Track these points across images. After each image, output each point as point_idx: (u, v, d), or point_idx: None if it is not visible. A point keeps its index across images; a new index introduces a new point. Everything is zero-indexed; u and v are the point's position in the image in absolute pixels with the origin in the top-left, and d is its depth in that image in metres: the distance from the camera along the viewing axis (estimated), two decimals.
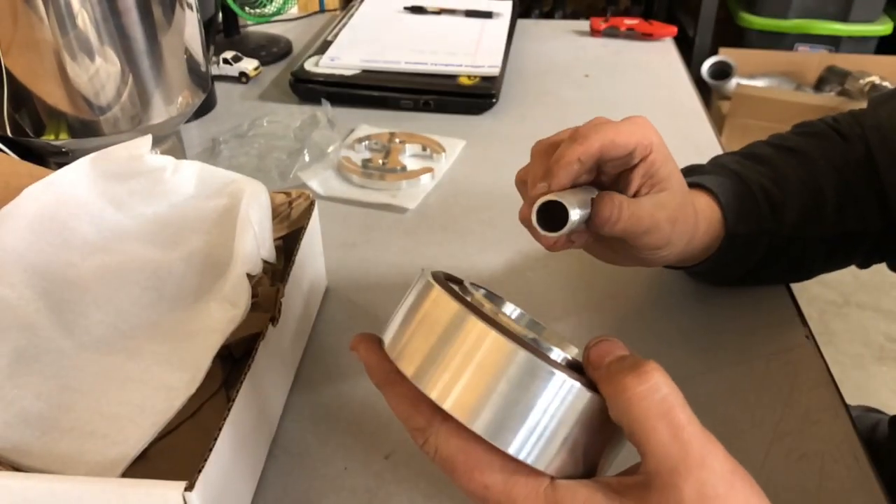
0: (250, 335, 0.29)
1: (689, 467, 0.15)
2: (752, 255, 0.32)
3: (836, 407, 0.30)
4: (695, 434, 0.16)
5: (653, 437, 0.16)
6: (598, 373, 0.17)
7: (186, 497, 0.20)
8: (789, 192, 0.32)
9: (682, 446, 0.15)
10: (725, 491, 0.15)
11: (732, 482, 0.15)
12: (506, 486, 0.17)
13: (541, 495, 0.17)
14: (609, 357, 0.18)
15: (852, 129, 0.34)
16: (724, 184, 0.31)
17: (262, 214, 0.30)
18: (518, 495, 0.17)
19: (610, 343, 0.18)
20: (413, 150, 0.49)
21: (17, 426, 0.24)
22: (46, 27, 0.35)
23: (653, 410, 0.16)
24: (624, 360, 0.17)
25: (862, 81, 1.37)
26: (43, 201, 0.29)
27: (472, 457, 0.17)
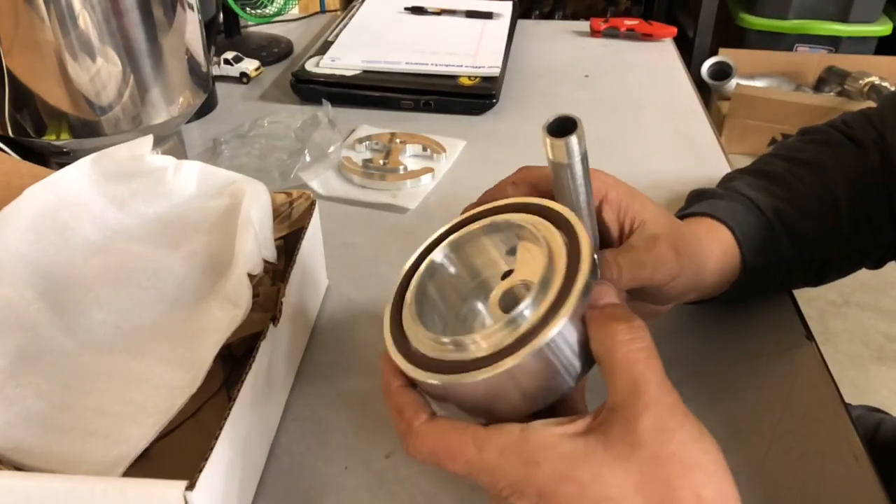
0: (251, 335, 0.29)
1: (647, 404, 0.18)
2: (773, 281, 0.32)
3: (836, 406, 0.30)
4: (658, 382, 0.18)
5: (624, 375, 0.18)
6: (594, 311, 0.20)
7: (187, 496, 0.20)
8: (807, 215, 0.30)
9: (646, 386, 0.18)
10: (675, 426, 0.18)
11: (682, 421, 0.18)
12: (480, 452, 0.18)
13: (512, 449, 0.18)
14: (604, 299, 0.20)
15: (866, 133, 0.33)
16: (738, 213, 0.30)
17: (263, 214, 0.30)
18: (491, 456, 0.18)
19: (607, 287, 0.20)
20: (413, 150, 0.49)
21: (18, 425, 0.24)
22: (48, 27, 0.35)
23: (631, 356, 0.18)
24: (617, 308, 0.20)
25: (861, 82, 1.37)
26: (44, 201, 0.30)
27: (448, 442, 0.19)
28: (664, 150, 0.51)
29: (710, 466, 0.18)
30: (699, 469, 0.17)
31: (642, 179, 0.47)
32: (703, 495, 0.17)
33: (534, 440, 0.18)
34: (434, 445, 0.19)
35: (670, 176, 0.46)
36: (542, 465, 0.18)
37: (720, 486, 0.18)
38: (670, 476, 0.17)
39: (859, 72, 1.39)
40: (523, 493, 0.18)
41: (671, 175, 0.47)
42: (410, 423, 0.20)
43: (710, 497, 0.17)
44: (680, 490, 0.17)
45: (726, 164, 0.48)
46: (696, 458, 0.18)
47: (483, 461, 0.18)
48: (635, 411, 0.18)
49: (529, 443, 0.18)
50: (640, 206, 0.25)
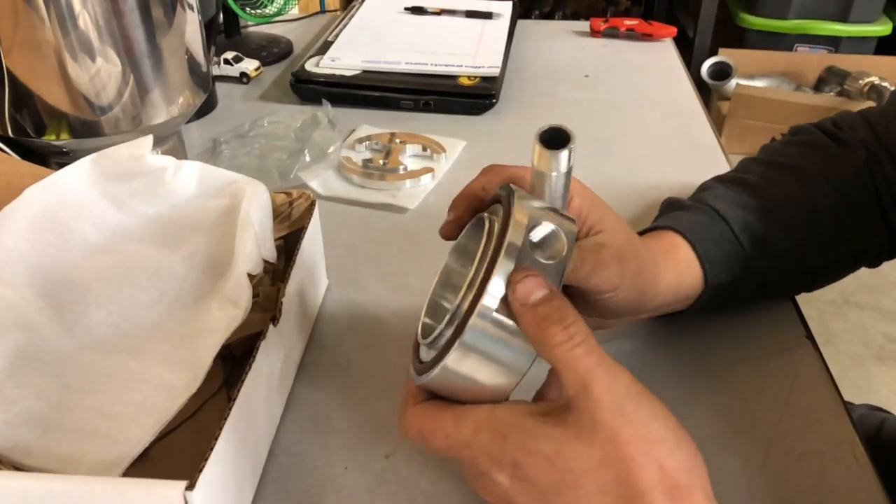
0: (251, 335, 0.29)
1: (600, 396, 0.19)
2: (745, 293, 0.31)
3: (836, 406, 0.30)
4: (605, 373, 0.19)
5: (570, 375, 0.19)
6: (524, 310, 0.19)
7: (187, 496, 0.20)
8: (780, 223, 0.30)
9: (593, 381, 0.19)
10: (632, 408, 0.19)
11: (638, 402, 0.19)
12: (457, 426, 0.20)
13: (483, 424, 0.20)
14: (534, 295, 0.19)
15: (855, 133, 0.32)
16: (701, 227, 0.29)
17: (263, 214, 0.30)
18: (466, 431, 0.20)
19: (533, 280, 0.20)
20: (413, 150, 0.49)
21: (18, 426, 0.24)
22: (48, 27, 0.35)
23: (570, 356, 0.19)
24: (550, 304, 0.19)
25: (861, 82, 1.37)
26: (44, 201, 0.30)
27: (431, 419, 0.21)
28: (664, 151, 0.51)
29: (672, 440, 0.19)
30: (662, 443, 0.18)
31: (642, 180, 0.47)
32: (666, 466, 0.18)
33: (500, 416, 0.20)
34: (420, 423, 0.21)
35: (670, 176, 0.46)
36: (509, 439, 0.19)
37: (685, 458, 0.19)
38: (634, 453, 0.18)
39: (859, 72, 1.40)
40: (500, 464, 0.20)
41: (671, 175, 0.47)
42: (405, 407, 0.22)
43: (673, 467, 0.18)
44: (645, 464, 0.18)
45: (726, 165, 0.48)
46: (658, 433, 0.19)
47: (459, 435, 0.20)
48: (590, 403, 0.19)
49: (497, 419, 0.20)
50: (599, 217, 0.25)
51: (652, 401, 0.19)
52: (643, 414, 0.19)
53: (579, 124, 0.54)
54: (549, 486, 0.19)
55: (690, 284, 0.29)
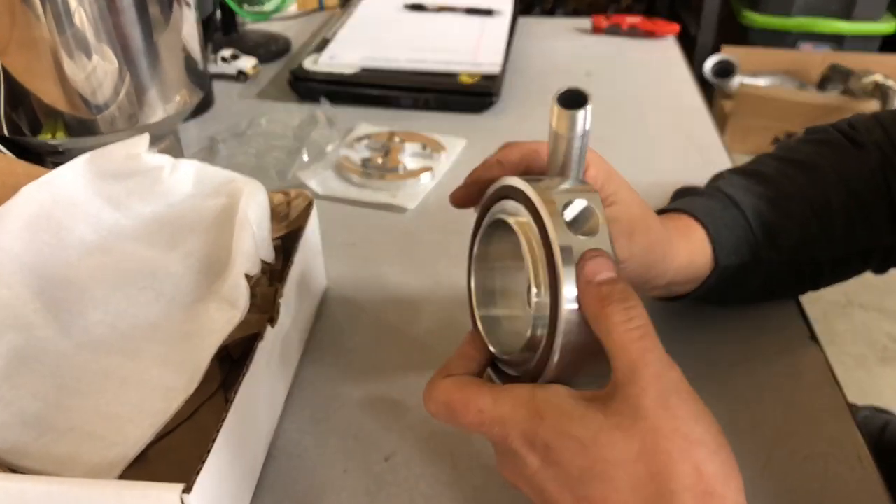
0: (249, 336, 0.28)
1: (647, 384, 0.18)
2: (751, 282, 0.31)
3: (840, 408, 0.29)
4: (655, 361, 0.19)
5: (622, 357, 0.19)
6: (588, 287, 0.20)
7: (184, 499, 0.20)
8: (791, 215, 0.30)
9: (644, 367, 0.18)
10: (677, 403, 0.18)
11: (685, 398, 0.18)
12: (496, 403, 0.20)
13: (522, 401, 0.20)
14: (600, 276, 0.20)
15: (870, 134, 0.32)
16: (714, 211, 0.30)
17: (261, 214, 0.30)
18: (505, 408, 0.20)
19: (602, 261, 0.20)
20: (413, 149, 0.48)
21: (14, 427, 0.24)
22: (43, 25, 0.35)
23: (626, 337, 0.19)
24: (614, 286, 0.19)
25: (865, 80, 1.36)
26: (40, 201, 0.29)
27: (464, 392, 0.21)
28: (666, 149, 0.51)
29: (713, 445, 0.18)
30: (702, 445, 0.18)
31: (644, 178, 0.47)
32: (703, 470, 0.17)
33: (541, 396, 0.19)
34: (450, 395, 0.21)
35: (672, 174, 0.46)
36: (546, 419, 0.19)
37: (722, 465, 0.18)
38: (672, 449, 0.17)
39: (863, 70, 1.39)
40: (533, 444, 0.19)
41: (673, 174, 0.46)
42: (434, 379, 0.22)
43: (711, 472, 0.17)
44: (681, 463, 0.17)
45: (729, 163, 0.48)
46: (699, 435, 0.18)
47: (496, 411, 0.20)
48: (636, 390, 0.18)
49: (537, 398, 0.19)
50: (614, 189, 0.25)
51: (698, 402, 0.19)
52: (687, 411, 0.18)
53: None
54: (578, 473, 0.18)
55: (700, 265, 0.29)
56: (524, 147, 0.25)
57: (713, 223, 0.30)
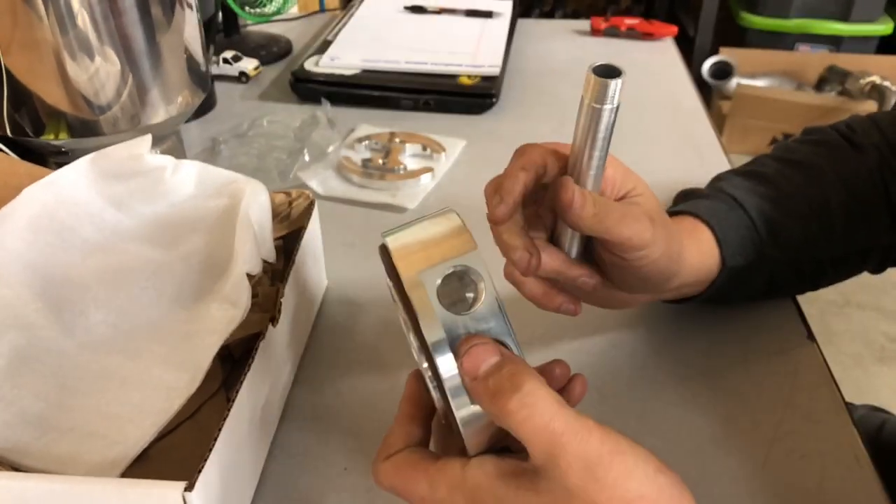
0: (250, 335, 0.28)
1: (569, 464, 0.18)
2: (756, 282, 0.31)
3: (837, 407, 0.30)
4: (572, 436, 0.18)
5: (536, 448, 0.18)
6: (475, 384, 0.19)
7: (186, 497, 0.20)
8: (792, 214, 0.31)
9: (560, 449, 0.18)
10: (604, 472, 0.17)
11: (610, 461, 0.18)
12: (432, 488, 0.20)
13: (457, 487, 0.19)
14: (483, 368, 0.19)
15: (868, 136, 0.33)
16: (720, 212, 0.30)
17: (262, 214, 0.30)
18: (442, 493, 0.19)
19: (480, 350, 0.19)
20: (413, 149, 0.49)
21: (16, 426, 0.24)
22: (46, 27, 0.35)
23: (533, 428, 0.18)
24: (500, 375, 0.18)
25: (863, 81, 1.36)
26: (42, 201, 0.29)
27: (403, 477, 0.20)
28: (665, 150, 0.51)
29: (653, 494, 0.18)
30: (641, 500, 0.18)
31: (643, 178, 0.47)
32: None
33: (471, 480, 0.19)
34: (391, 481, 0.20)
35: (671, 176, 0.46)
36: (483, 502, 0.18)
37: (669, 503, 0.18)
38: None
39: (861, 71, 1.39)
40: None
41: (671, 175, 0.46)
42: (377, 460, 0.21)
43: None
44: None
45: (727, 164, 0.48)
46: (637, 491, 0.18)
47: (435, 496, 0.19)
48: (559, 473, 0.18)
49: (468, 482, 0.19)
50: (633, 185, 0.26)
51: (625, 455, 0.18)
52: (616, 474, 0.17)
53: None
54: None
55: (710, 266, 0.30)
56: (543, 148, 0.25)
57: (719, 224, 0.30)
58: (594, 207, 0.23)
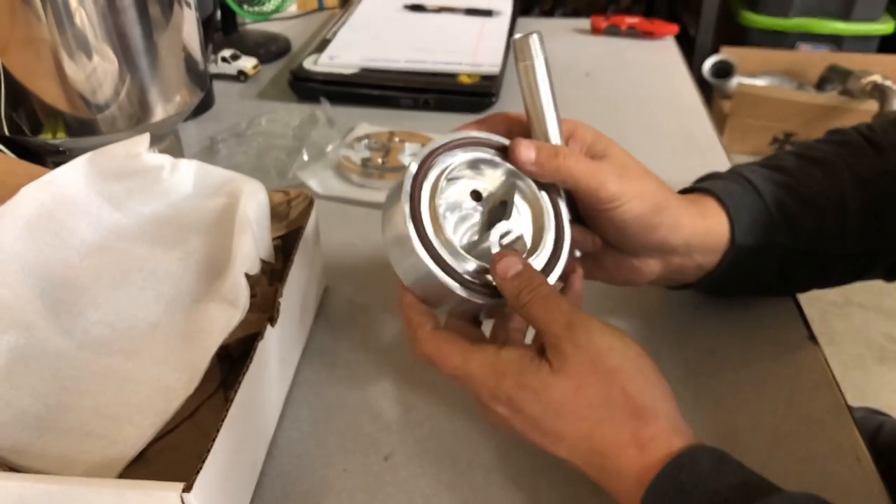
0: (249, 335, 0.28)
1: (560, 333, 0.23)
2: (764, 268, 0.31)
3: (838, 408, 0.29)
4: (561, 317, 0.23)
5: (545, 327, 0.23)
6: (503, 283, 0.24)
7: (185, 498, 0.20)
8: (807, 203, 0.31)
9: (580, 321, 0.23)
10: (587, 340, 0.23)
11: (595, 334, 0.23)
12: (465, 362, 0.24)
13: (488, 363, 0.24)
14: (511, 270, 0.24)
15: (889, 137, 0.33)
16: (734, 192, 0.30)
17: (261, 214, 0.30)
18: (473, 367, 0.24)
19: (511, 258, 0.24)
20: (413, 148, 0.48)
21: (14, 426, 0.24)
22: (44, 25, 0.35)
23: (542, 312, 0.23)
24: (533, 282, 0.24)
25: (864, 80, 1.36)
26: (40, 200, 0.29)
27: (440, 349, 0.24)
28: (665, 149, 0.51)
29: (630, 369, 0.22)
30: (619, 372, 0.22)
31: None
32: (629, 391, 0.22)
33: (504, 357, 0.23)
34: (430, 351, 0.25)
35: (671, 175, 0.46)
36: (508, 377, 0.23)
37: (645, 383, 0.22)
38: (596, 381, 0.22)
39: (862, 70, 1.39)
40: (498, 398, 0.23)
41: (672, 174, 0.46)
42: (415, 331, 0.25)
43: (636, 391, 0.22)
44: (609, 389, 0.22)
45: (728, 163, 0.48)
46: (616, 364, 0.22)
47: (467, 370, 0.24)
48: (556, 340, 0.23)
49: (501, 359, 0.23)
50: (604, 146, 0.28)
51: (611, 335, 0.23)
52: (599, 347, 0.22)
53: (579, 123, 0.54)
54: (537, 415, 0.23)
55: (718, 237, 0.30)
56: (505, 115, 0.28)
57: (732, 203, 0.30)
58: (555, 157, 0.26)
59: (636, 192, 0.27)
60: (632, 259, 0.30)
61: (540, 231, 0.26)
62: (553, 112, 0.27)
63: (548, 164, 0.26)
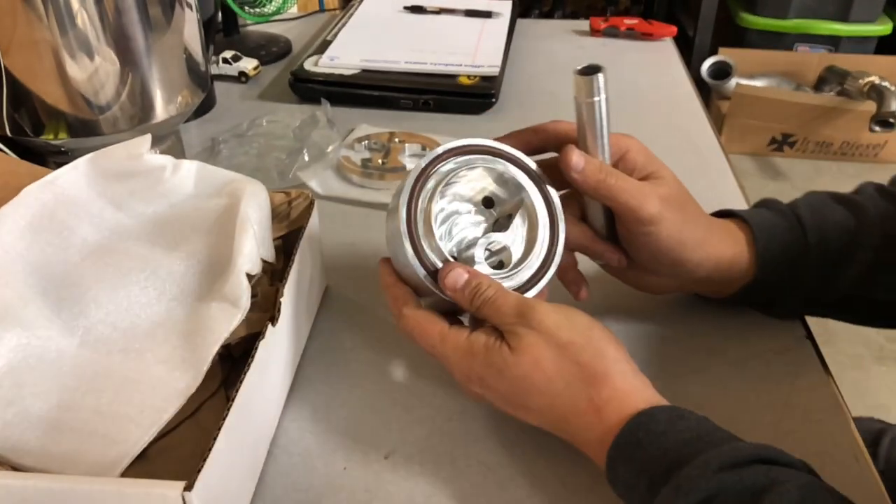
0: (250, 335, 0.29)
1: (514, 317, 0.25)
2: (793, 296, 0.31)
3: (836, 407, 0.30)
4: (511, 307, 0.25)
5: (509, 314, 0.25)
6: (455, 295, 0.26)
7: (186, 497, 0.20)
8: (862, 243, 0.29)
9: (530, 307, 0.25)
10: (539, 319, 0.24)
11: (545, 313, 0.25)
12: (442, 344, 0.26)
13: (461, 346, 0.25)
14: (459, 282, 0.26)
15: None
16: (765, 215, 0.30)
17: (262, 214, 0.30)
18: (448, 349, 0.26)
19: (456, 271, 0.26)
20: (412, 149, 0.49)
21: (16, 426, 0.24)
22: (46, 26, 0.35)
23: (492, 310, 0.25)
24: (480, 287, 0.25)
25: (861, 81, 1.36)
26: (42, 201, 0.29)
27: (422, 329, 0.26)
28: (664, 150, 0.50)
29: (580, 340, 0.24)
30: (570, 344, 0.24)
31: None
32: (580, 361, 0.24)
33: (473, 339, 0.25)
34: (412, 328, 0.26)
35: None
36: (476, 357, 0.25)
37: (595, 352, 0.24)
38: (548, 355, 0.24)
39: (859, 71, 1.39)
40: (470, 378, 0.26)
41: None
42: (400, 308, 0.27)
43: (586, 360, 0.24)
44: (561, 362, 0.24)
45: (726, 164, 0.48)
46: (567, 338, 0.24)
47: (443, 350, 0.26)
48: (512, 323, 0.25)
49: (470, 341, 0.25)
50: (655, 168, 0.29)
51: (559, 312, 0.25)
52: (549, 324, 0.24)
53: None
54: (506, 390, 0.25)
55: (742, 271, 0.30)
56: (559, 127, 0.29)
57: (759, 225, 0.30)
58: (600, 172, 0.27)
59: (674, 221, 0.28)
60: (652, 276, 0.31)
61: (532, 243, 0.27)
62: (608, 146, 0.28)
63: (592, 176, 0.27)
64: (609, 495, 0.25)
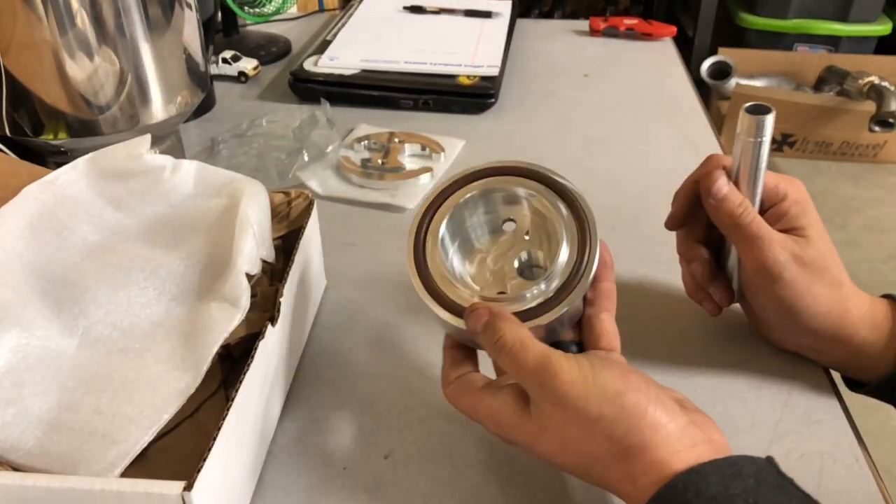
0: (250, 335, 0.29)
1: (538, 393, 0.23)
2: None
3: (836, 407, 0.30)
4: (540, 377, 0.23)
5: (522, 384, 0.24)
6: (480, 338, 0.25)
7: (185, 497, 0.20)
8: None
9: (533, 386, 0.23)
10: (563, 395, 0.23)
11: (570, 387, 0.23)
12: (474, 410, 0.26)
13: (489, 416, 0.25)
14: (480, 324, 0.25)
15: None
16: None
17: (261, 214, 0.30)
18: (481, 414, 0.25)
19: (479, 312, 0.25)
20: (412, 149, 0.49)
21: (16, 426, 0.24)
22: (45, 26, 0.35)
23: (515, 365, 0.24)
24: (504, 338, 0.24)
25: (861, 81, 1.37)
26: (42, 201, 0.29)
27: (459, 398, 0.26)
28: (663, 150, 0.51)
29: (611, 413, 0.22)
30: (600, 419, 0.22)
31: (641, 179, 0.47)
32: (612, 436, 0.22)
33: (496, 408, 0.25)
34: (449, 394, 0.26)
35: (669, 176, 0.46)
36: (504, 428, 0.25)
37: (628, 420, 0.22)
38: (578, 435, 0.23)
39: (859, 71, 1.39)
40: (504, 439, 0.25)
41: (670, 175, 0.46)
42: (445, 374, 0.27)
43: (620, 435, 0.22)
44: (591, 440, 0.22)
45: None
46: (596, 412, 0.22)
47: (476, 416, 0.26)
48: (537, 398, 0.23)
49: (495, 410, 0.25)
50: (806, 223, 0.27)
51: (585, 382, 0.22)
52: (575, 397, 0.22)
53: (578, 124, 0.54)
54: (538, 455, 0.24)
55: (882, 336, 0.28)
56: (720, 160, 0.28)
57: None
58: (738, 207, 0.27)
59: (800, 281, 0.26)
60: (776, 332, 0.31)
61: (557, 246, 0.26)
62: (760, 188, 0.28)
63: (728, 208, 0.27)
64: (609, 495, 0.25)
